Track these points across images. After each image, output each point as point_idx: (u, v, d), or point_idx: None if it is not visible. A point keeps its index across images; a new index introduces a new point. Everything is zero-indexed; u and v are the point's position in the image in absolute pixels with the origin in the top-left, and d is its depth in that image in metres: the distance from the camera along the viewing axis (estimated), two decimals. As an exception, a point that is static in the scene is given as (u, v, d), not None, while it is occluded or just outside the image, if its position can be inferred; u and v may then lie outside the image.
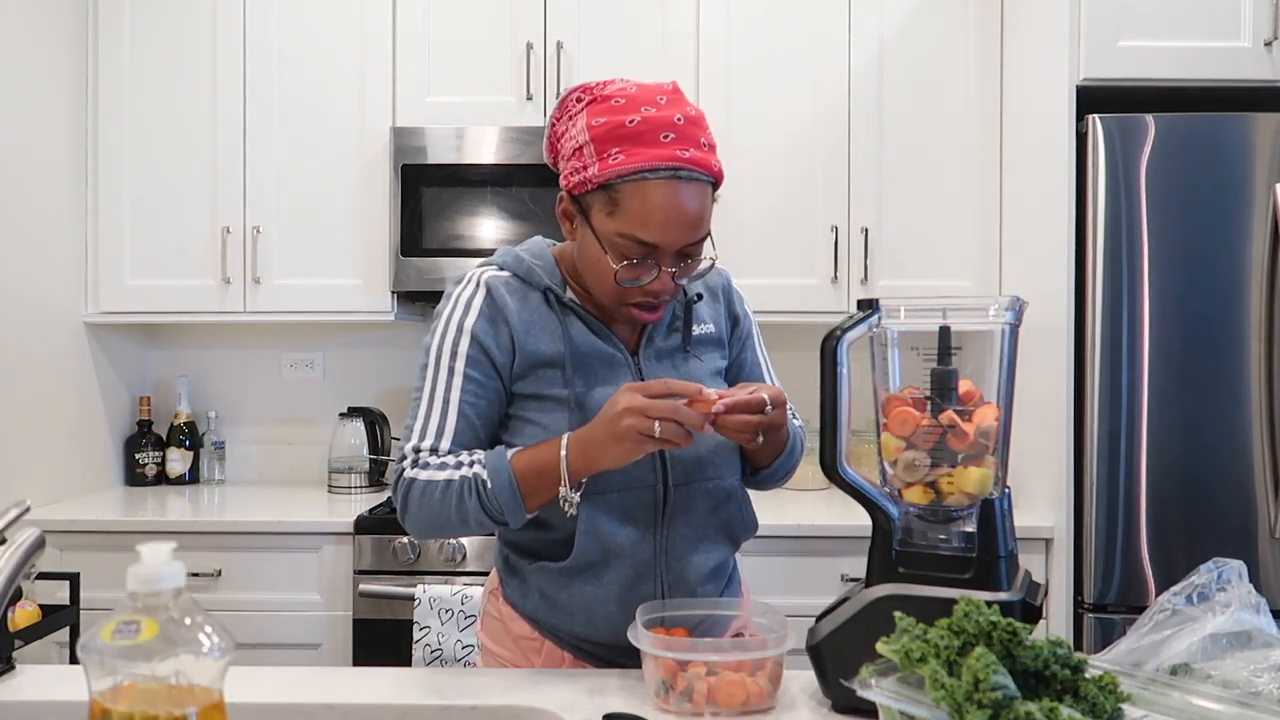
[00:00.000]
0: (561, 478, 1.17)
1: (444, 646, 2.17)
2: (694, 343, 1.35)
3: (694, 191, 1.19)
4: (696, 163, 1.19)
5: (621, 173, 1.17)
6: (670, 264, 1.21)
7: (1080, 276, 2.19)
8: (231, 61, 2.69)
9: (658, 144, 1.18)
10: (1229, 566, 1.02)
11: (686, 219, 1.19)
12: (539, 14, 2.66)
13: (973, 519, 1.09)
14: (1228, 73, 2.19)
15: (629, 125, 1.18)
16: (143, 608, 0.69)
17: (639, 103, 1.19)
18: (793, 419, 1.44)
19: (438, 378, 1.26)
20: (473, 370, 1.26)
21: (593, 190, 1.20)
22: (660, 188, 1.17)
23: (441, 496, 1.20)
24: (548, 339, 1.27)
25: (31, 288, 2.50)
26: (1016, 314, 1.12)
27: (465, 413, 1.25)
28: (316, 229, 2.69)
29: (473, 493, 1.19)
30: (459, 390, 1.25)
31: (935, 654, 0.83)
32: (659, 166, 1.17)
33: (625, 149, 1.18)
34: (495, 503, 1.18)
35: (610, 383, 1.28)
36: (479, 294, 1.29)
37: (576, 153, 1.21)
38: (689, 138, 1.19)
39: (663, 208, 1.17)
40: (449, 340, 1.27)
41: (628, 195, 1.18)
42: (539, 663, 1.32)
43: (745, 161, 2.65)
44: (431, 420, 1.25)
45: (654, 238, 1.18)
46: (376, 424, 2.88)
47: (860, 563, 1.14)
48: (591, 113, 1.21)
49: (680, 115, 1.19)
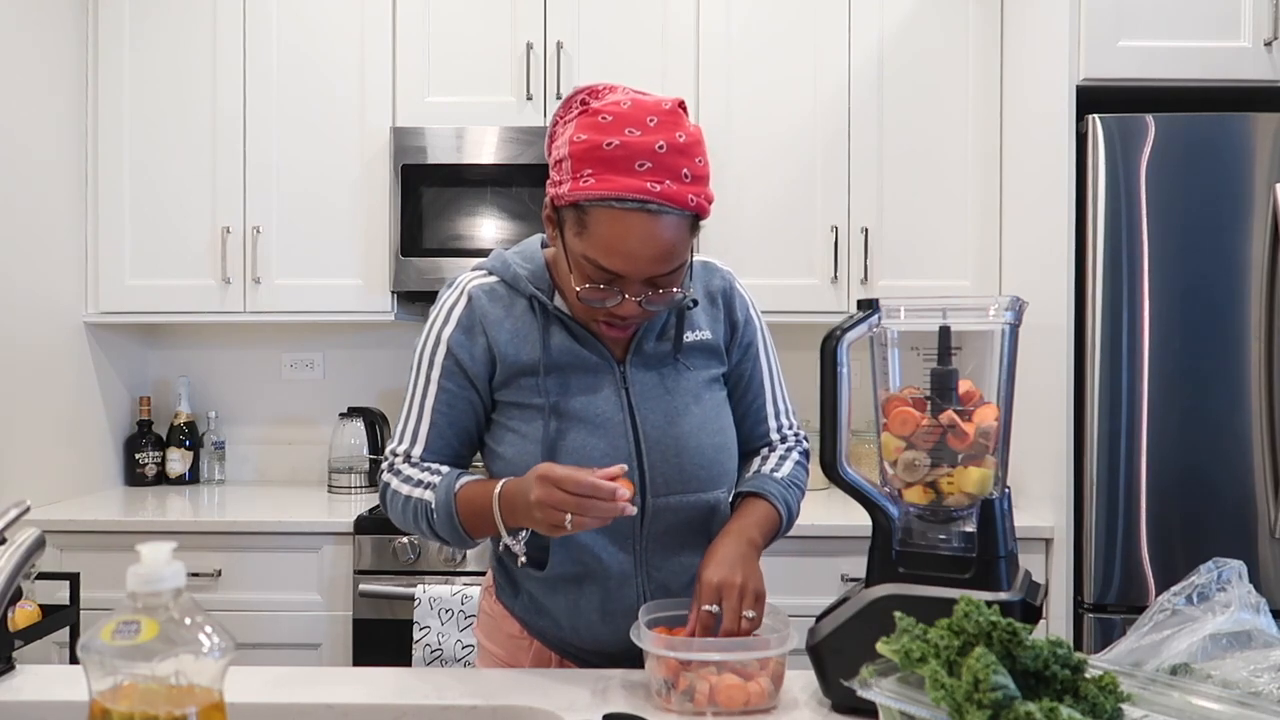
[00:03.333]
0: (498, 527, 1.19)
1: (444, 646, 2.17)
2: (686, 350, 1.31)
3: (665, 225, 1.14)
4: (668, 196, 1.13)
5: (590, 197, 1.14)
6: (635, 292, 1.18)
7: (1080, 276, 2.19)
8: (231, 61, 2.69)
9: (630, 173, 1.12)
10: (1229, 566, 1.02)
11: (652, 253, 1.14)
12: (539, 14, 2.66)
13: (973, 519, 1.09)
14: (1228, 73, 2.19)
15: (605, 148, 1.13)
16: (143, 608, 0.69)
17: (624, 123, 1.14)
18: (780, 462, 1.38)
19: (416, 384, 1.31)
20: (446, 381, 1.29)
21: (566, 206, 1.18)
22: (626, 218, 1.13)
23: (403, 509, 1.28)
24: (529, 347, 1.27)
25: (31, 288, 2.50)
26: (1016, 314, 1.12)
27: (437, 421, 1.29)
28: (316, 229, 2.69)
29: (424, 516, 1.25)
30: (433, 398, 1.29)
31: (935, 654, 0.83)
32: (626, 197, 1.12)
33: (598, 173, 1.13)
34: (442, 531, 1.24)
35: (591, 391, 1.27)
36: (460, 303, 1.30)
37: (559, 164, 1.19)
38: (668, 168, 1.13)
39: (627, 238, 1.13)
40: (428, 349, 1.30)
41: (595, 220, 1.15)
42: (527, 661, 1.34)
43: (745, 162, 2.65)
44: (408, 426, 1.30)
45: (616, 267, 1.16)
46: (376, 424, 2.88)
47: (860, 563, 1.14)
48: (578, 125, 1.16)
49: (664, 143, 1.13)
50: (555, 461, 1.21)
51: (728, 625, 1.14)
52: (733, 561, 1.19)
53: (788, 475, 1.37)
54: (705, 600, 1.15)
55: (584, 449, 1.24)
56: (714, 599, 1.15)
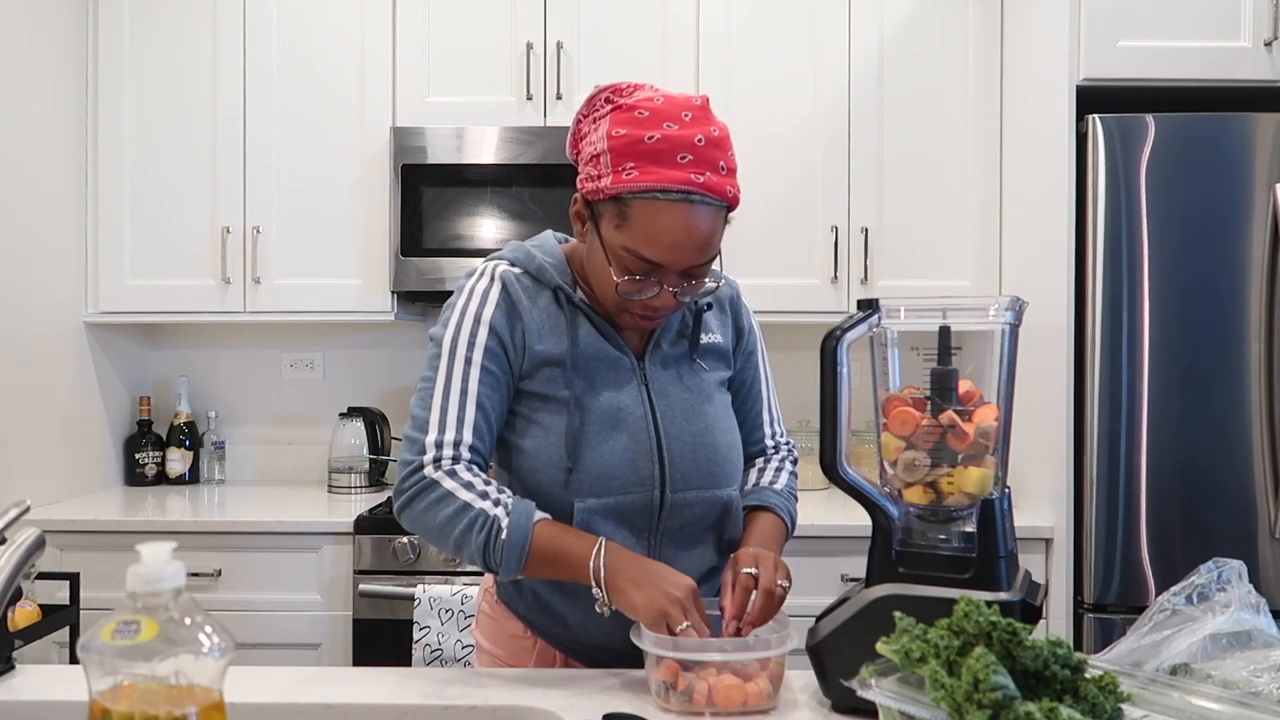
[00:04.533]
0: (592, 582, 1.16)
1: (444, 646, 2.17)
2: (700, 351, 1.35)
3: (705, 215, 1.18)
4: (710, 188, 1.17)
5: (633, 189, 1.16)
6: (673, 283, 1.21)
7: (1080, 276, 2.19)
8: (232, 61, 2.69)
9: (674, 164, 1.16)
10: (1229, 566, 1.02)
11: (694, 242, 1.18)
12: (539, 14, 2.66)
13: (973, 519, 1.09)
14: (1228, 73, 2.19)
15: (647, 141, 1.16)
16: (143, 608, 0.69)
17: (662, 117, 1.17)
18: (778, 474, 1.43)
19: (453, 368, 1.23)
20: (489, 362, 1.24)
21: (604, 200, 1.20)
22: (670, 209, 1.16)
23: (453, 515, 1.19)
24: (555, 339, 1.27)
25: (31, 287, 2.50)
26: (1016, 314, 1.12)
27: (483, 404, 1.23)
28: (316, 229, 2.69)
29: (483, 531, 1.18)
30: (476, 381, 1.23)
31: (935, 654, 0.83)
32: (670, 188, 1.15)
33: (640, 165, 1.16)
34: (499, 553, 1.18)
35: (614, 386, 1.27)
36: (495, 287, 1.28)
37: (594, 160, 1.21)
38: (707, 160, 1.17)
39: (670, 229, 1.17)
40: (465, 331, 1.25)
41: (637, 212, 1.17)
42: (531, 662, 1.33)
43: (745, 162, 2.58)
44: (449, 411, 1.22)
45: (659, 257, 1.18)
46: (376, 424, 2.88)
47: (860, 563, 1.14)
48: (614, 121, 1.19)
49: (702, 136, 1.17)
50: (580, 457, 1.23)
51: (765, 584, 1.17)
52: (762, 547, 1.27)
53: (785, 487, 1.43)
54: (743, 566, 1.19)
55: (605, 444, 1.25)
56: (751, 564, 1.19)
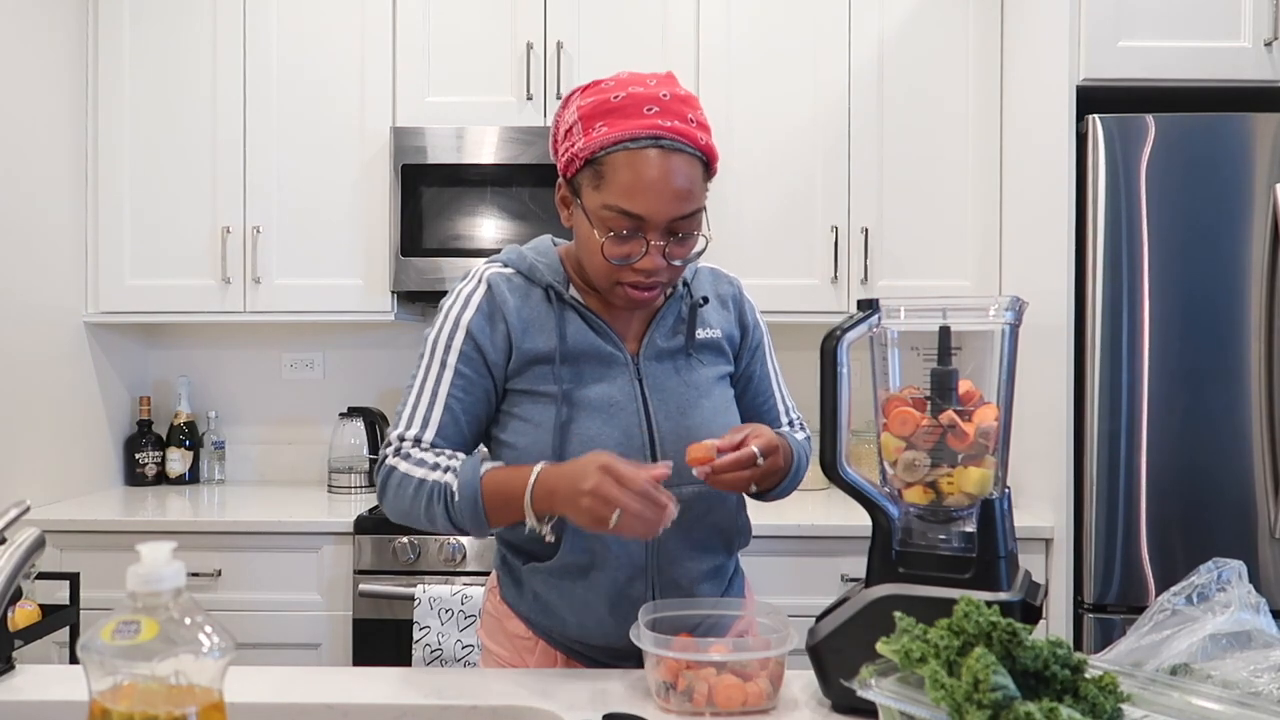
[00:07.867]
0: (526, 512, 1.16)
1: (444, 646, 2.17)
2: (697, 346, 1.34)
3: (679, 163, 1.19)
4: (679, 133, 1.19)
5: (605, 143, 1.19)
6: (658, 238, 1.21)
7: (1080, 276, 2.19)
8: (231, 61, 2.69)
9: (640, 115, 1.19)
10: (1229, 566, 1.02)
11: (670, 189, 1.19)
12: (539, 14, 2.66)
13: (973, 519, 1.09)
14: (1228, 73, 2.19)
15: (613, 100, 1.20)
16: (143, 608, 0.69)
17: (627, 84, 1.22)
18: (797, 431, 1.45)
19: (430, 369, 1.29)
20: (464, 366, 1.27)
21: (581, 168, 1.22)
22: (642, 156, 1.18)
23: (414, 493, 1.22)
24: (544, 336, 1.28)
25: (31, 288, 2.50)
26: (1016, 314, 1.12)
27: (451, 406, 1.27)
28: (316, 229, 2.69)
29: (440, 499, 1.21)
30: (448, 384, 1.27)
31: (935, 654, 0.83)
32: (640, 134, 1.18)
33: (609, 121, 1.20)
34: (459, 515, 1.20)
35: (606, 380, 1.28)
36: (479, 290, 1.30)
37: (568, 134, 1.24)
38: (674, 112, 1.20)
39: (645, 177, 1.18)
40: (445, 333, 1.29)
41: (610, 166, 1.19)
42: (533, 662, 1.33)
43: (745, 162, 2.65)
44: (419, 410, 1.27)
45: (637, 208, 1.19)
46: (376, 424, 2.88)
47: (860, 563, 1.14)
48: (582, 96, 1.24)
49: (667, 92, 1.21)
50: (567, 450, 1.23)
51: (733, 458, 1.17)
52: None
53: (802, 441, 1.42)
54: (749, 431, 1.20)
55: (596, 437, 1.25)
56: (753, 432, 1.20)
